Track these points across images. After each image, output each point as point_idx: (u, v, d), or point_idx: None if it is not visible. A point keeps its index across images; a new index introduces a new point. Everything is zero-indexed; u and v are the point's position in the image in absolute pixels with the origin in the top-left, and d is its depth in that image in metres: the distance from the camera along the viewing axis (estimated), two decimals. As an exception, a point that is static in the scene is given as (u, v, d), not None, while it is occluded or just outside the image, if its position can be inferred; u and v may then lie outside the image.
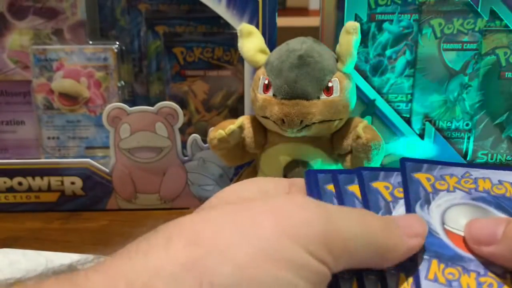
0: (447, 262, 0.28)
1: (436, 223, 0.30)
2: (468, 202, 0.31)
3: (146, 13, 0.63)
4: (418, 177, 0.32)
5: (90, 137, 0.60)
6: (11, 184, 0.56)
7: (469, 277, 0.27)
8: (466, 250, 0.29)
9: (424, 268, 0.28)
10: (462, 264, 0.28)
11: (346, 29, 0.44)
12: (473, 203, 0.31)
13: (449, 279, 0.27)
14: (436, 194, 0.32)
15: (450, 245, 0.29)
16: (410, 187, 0.32)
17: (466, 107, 0.53)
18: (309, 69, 0.43)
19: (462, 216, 0.30)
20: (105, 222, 0.55)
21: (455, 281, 0.27)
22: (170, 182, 0.57)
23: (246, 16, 0.52)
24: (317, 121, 0.44)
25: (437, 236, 0.29)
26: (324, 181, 0.32)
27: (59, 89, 0.59)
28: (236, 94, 0.63)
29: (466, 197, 0.32)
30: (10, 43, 0.59)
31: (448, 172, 0.33)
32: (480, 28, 0.51)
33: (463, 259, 0.28)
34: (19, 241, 0.50)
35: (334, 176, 0.32)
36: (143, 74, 0.65)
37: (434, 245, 0.29)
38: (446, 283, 0.27)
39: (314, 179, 0.32)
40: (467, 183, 0.32)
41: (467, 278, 0.27)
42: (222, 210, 0.26)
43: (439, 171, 0.33)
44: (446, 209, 0.31)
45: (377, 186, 0.32)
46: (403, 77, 0.53)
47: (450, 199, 0.31)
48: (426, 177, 0.32)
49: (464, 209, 0.31)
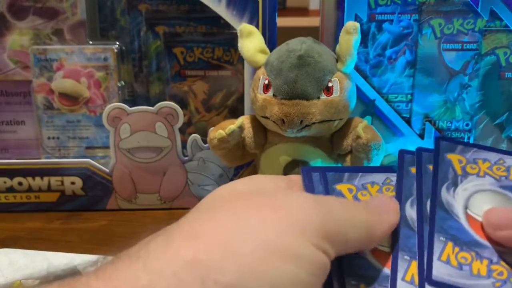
0: (462, 246, 0.28)
1: (459, 207, 0.30)
2: (495, 189, 0.31)
3: (146, 13, 0.63)
4: (450, 157, 0.32)
5: (90, 137, 0.60)
6: (11, 184, 0.56)
7: (481, 263, 0.28)
8: (484, 236, 0.29)
9: (438, 249, 0.28)
10: (477, 249, 0.28)
11: (346, 29, 0.44)
12: (501, 191, 0.31)
13: (461, 263, 0.28)
14: (465, 177, 0.32)
15: (469, 230, 0.29)
16: (440, 167, 0.32)
17: (466, 107, 0.53)
18: (309, 69, 0.43)
19: (486, 202, 0.30)
20: (105, 222, 0.55)
21: (466, 265, 0.27)
22: (170, 182, 0.57)
23: (246, 16, 0.52)
24: (317, 121, 0.44)
25: (457, 220, 0.29)
26: (318, 179, 0.32)
27: (59, 89, 0.59)
28: (236, 94, 0.63)
29: (495, 184, 0.31)
30: (10, 43, 0.59)
31: (482, 157, 0.33)
32: (480, 28, 0.51)
33: (478, 245, 0.28)
34: (19, 241, 0.50)
35: (323, 175, 0.32)
36: (143, 74, 0.65)
37: (452, 228, 0.29)
38: (457, 266, 0.27)
39: (309, 177, 0.32)
40: (499, 170, 0.32)
41: (479, 264, 0.28)
42: (222, 208, 0.26)
43: (472, 154, 0.33)
44: (472, 194, 0.31)
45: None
46: (403, 77, 0.53)
47: (478, 184, 0.31)
48: (459, 159, 0.32)
49: (490, 196, 0.31)
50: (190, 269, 0.22)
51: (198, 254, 0.23)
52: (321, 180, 0.32)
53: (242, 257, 0.23)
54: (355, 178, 0.32)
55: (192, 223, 0.25)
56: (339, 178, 0.32)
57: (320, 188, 0.31)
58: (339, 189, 0.31)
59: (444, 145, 0.33)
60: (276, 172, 0.47)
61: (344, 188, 0.32)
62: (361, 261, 0.28)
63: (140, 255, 0.23)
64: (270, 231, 0.24)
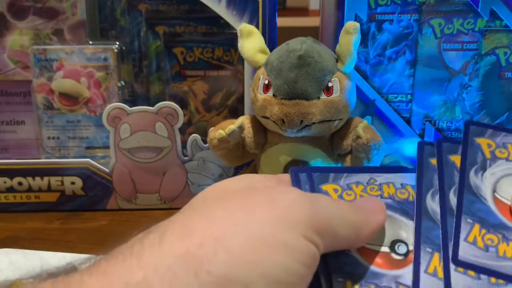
0: (489, 228, 0.29)
1: (487, 190, 0.30)
2: None
3: (146, 13, 0.63)
4: (479, 141, 0.33)
5: (90, 137, 0.60)
6: (11, 184, 0.56)
7: (507, 245, 0.28)
8: (511, 219, 0.29)
9: (464, 231, 0.28)
10: (504, 232, 0.28)
11: (346, 29, 0.44)
12: None
13: (487, 244, 0.28)
14: (493, 161, 0.32)
15: (496, 213, 0.29)
16: (469, 151, 0.32)
17: (466, 107, 0.53)
18: (309, 69, 0.43)
19: None
20: (105, 222, 0.55)
21: (492, 247, 0.28)
22: (170, 182, 0.57)
23: (246, 16, 0.52)
24: (317, 121, 0.44)
25: (485, 203, 0.30)
26: (305, 180, 0.33)
27: (59, 89, 0.59)
28: (236, 94, 0.63)
29: None
30: (10, 43, 0.59)
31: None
32: (480, 28, 0.51)
33: (505, 227, 0.29)
34: (19, 241, 0.50)
35: (309, 176, 0.32)
36: (143, 74, 0.65)
37: (480, 211, 0.29)
38: (484, 248, 0.28)
39: (296, 177, 0.33)
40: None
41: (505, 246, 0.28)
42: (214, 205, 0.27)
43: (502, 138, 0.33)
44: (500, 178, 0.31)
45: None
46: (403, 77, 0.53)
47: (507, 168, 0.32)
48: (488, 143, 0.33)
49: None
50: (183, 262, 0.22)
51: (191, 248, 0.23)
52: (308, 181, 0.32)
53: (234, 248, 0.23)
54: (340, 178, 0.33)
55: (185, 221, 0.26)
56: (325, 179, 0.32)
57: (306, 188, 0.32)
58: (324, 189, 0.32)
59: (473, 130, 0.33)
60: (276, 172, 0.47)
61: (330, 188, 0.32)
62: (348, 259, 0.29)
63: (133, 251, 0.24)
64: (262, 224, 0.25)
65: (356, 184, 0.32)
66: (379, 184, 0.32)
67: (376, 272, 0.28)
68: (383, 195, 0.32)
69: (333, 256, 0.28)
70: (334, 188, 0.32)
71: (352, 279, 0.28)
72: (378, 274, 0.28)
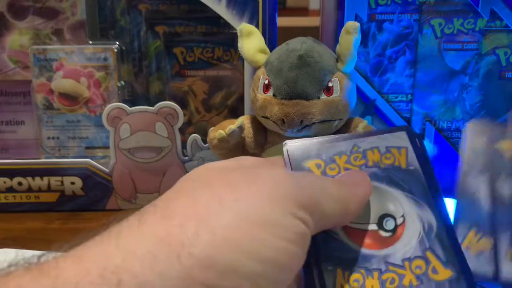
0: None
1: None
2: None
3: (146, 13, 0.63)
4: None
5: (90, 137, 0.60)
6: (11, 184, 0.56)
7: None
8: None
9: None
10: None
11: (346, 29, 0.44)
12: None
13: None
14: None
15: None
16: None
17: (466, 107, 0.53)
18: (309, 69, 0.43)
19: None
20: (105, 222, 0.55)
21: None
22: (170, 182, 0.57)
23: (246, 16, 0.52)
24: (317, 121, 0.44)
25: None
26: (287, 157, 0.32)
27: (59, 89, 0.59)
28: (236, 94, 0.63)
29: None
30: (10, 43, 0.59)
31: None
32: (481, 28, 0.51)
33: None
34: (19, 241, 0.50)
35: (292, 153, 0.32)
36: (143, 74, 0.65)
37: None
38: None
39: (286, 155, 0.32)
40: None
41: None
42: (197, 186, 0.26)
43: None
44: None
45: None
46: (403, 77, 0.53)
47: None
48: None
49: None
50: (164, 245, 0.22)
51: (172, 229, 0.22)
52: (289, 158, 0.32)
53: (217, 229, 0.22)
54: (323, 150, 0.32)
55: (166, 202, 0.25)
56: (307, 154, 0.32)
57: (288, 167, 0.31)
58: (307, 166, 0.31)
59: None
60: (276, 172, 0.47)
61: (312, 164, 0.31)
62: (336, 243, 0.28)
63: (111, 235, 0.23)
64: (246, 203, 0.24)
65: (339, 155, 0.31)
66: (362, 151, 0.31)
67: (365, 254, 0.28)
68: (368, 164, 0.31)
69: (322, 241, 0.28)
70: (316, 164, 0.31)
71: (342, 265, 0.28)
72: (367, 256, 0.28)
